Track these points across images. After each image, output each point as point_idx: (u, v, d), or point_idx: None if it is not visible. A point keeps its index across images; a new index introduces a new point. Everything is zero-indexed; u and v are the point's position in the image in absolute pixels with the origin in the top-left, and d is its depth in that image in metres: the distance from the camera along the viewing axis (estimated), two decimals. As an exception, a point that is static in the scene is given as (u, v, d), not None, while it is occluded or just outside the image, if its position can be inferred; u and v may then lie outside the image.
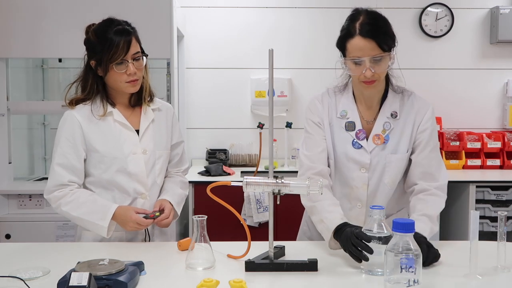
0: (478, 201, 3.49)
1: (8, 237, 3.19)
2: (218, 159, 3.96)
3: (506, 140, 3.94)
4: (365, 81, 1.77)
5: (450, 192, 1.96)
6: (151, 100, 2.03)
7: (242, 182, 1.54)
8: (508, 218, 3.40)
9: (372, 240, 1.49)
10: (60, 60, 3.80)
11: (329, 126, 1.90)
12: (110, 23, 1.87)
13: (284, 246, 1.69)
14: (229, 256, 1.67)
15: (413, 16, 4.14)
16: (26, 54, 3.33)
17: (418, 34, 4.15)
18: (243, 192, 1.55)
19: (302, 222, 2.14)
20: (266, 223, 3.29)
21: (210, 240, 1.59)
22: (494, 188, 3.52)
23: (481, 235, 1.51)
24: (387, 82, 1.89)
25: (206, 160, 4.01)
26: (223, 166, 3.75)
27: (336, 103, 1.91)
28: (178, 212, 2.02)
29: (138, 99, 1.99)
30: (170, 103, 2.53)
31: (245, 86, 4.12)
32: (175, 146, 2.10)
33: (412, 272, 1.28)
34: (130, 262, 1.48)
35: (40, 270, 1.51)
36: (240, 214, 2.02)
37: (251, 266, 1.54)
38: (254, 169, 3.81)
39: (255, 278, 1.48)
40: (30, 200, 3.25)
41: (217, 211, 1.97)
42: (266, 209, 3.43)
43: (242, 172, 3.82)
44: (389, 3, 4.02)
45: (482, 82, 4.19)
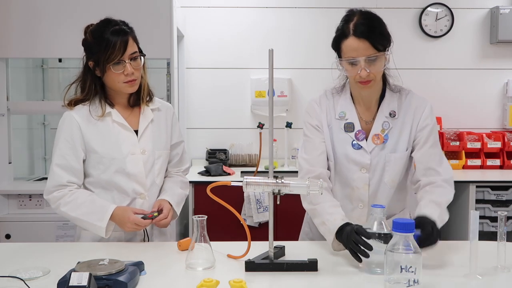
0: (478, 201, 3.49)
1: (8, 237, 3.19)
2: (218, 159, 3.95)
3: (506, 140, 3.93)
4: (361, 81, 1.77)
5: (450, 192, 1.95)
6: (150, 100, 2.03)
7: (242, 182, 1.54)
8: (508, 218, 3.40)
9: (372, 237, 1.49)
10: (60, 60, 3.81)
11: (328, 128, 1.90)
12: (107, 24, 1.87)
13: (284, 246, 1.69)
14: (229, 256, 1.67)
15: (413, 16, 4.13)
16: (26, 54, 3.33)
17: (418, 34, 4.14)
18: (243, 192, 1.55)
19: (303, 223, 2.13)
20: (266, 223, 3.29)
21: (210, 240, 1.59)
22: (494, 188, 3.52)
23: (481, 235, 1.51)
24: (384, 81, 1.89)
25: (206, 160, 4.00)
26: (223, 166, 3.75)
27: (334, 105, 1.91)
28: (178, 212, 2.01)
29: (137, 99, 1.99)
30: (170, 103, 2.52)
31: (245, 86, 4.11)
32: (175, 146, 2.10)
33: (412, 272, 1.28)
34: (130, 262, 1.48)
35: (40, 270, 1.51)
36: (240, 214, 2.01)
37: (251, 266, 1.54)
38: (254, 169, 3.80)
39: (255, 278, 1.48)
40: (30, 200, 3.25)
41: (217, 211, 1.97)
42: (266, 209, 3.43)
43: (242, 172, 3.81)
44: (389, 3, 4.00)
45: (482, 82, 4.18)
